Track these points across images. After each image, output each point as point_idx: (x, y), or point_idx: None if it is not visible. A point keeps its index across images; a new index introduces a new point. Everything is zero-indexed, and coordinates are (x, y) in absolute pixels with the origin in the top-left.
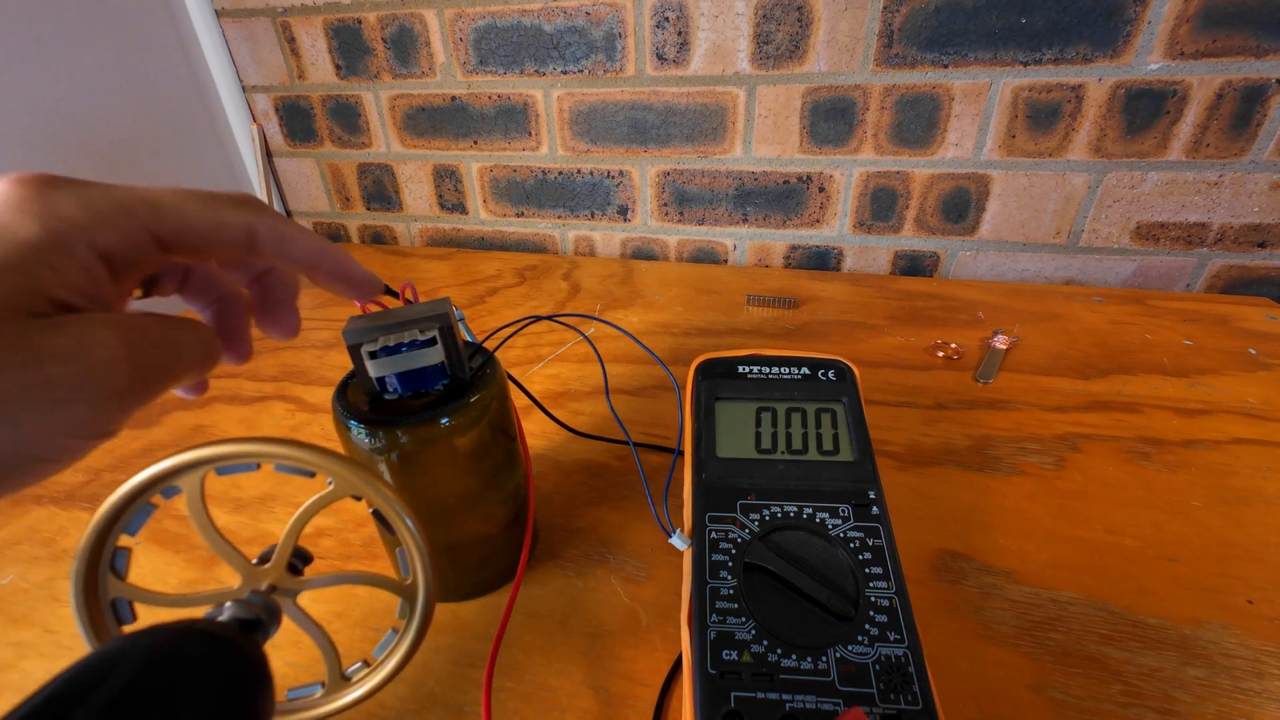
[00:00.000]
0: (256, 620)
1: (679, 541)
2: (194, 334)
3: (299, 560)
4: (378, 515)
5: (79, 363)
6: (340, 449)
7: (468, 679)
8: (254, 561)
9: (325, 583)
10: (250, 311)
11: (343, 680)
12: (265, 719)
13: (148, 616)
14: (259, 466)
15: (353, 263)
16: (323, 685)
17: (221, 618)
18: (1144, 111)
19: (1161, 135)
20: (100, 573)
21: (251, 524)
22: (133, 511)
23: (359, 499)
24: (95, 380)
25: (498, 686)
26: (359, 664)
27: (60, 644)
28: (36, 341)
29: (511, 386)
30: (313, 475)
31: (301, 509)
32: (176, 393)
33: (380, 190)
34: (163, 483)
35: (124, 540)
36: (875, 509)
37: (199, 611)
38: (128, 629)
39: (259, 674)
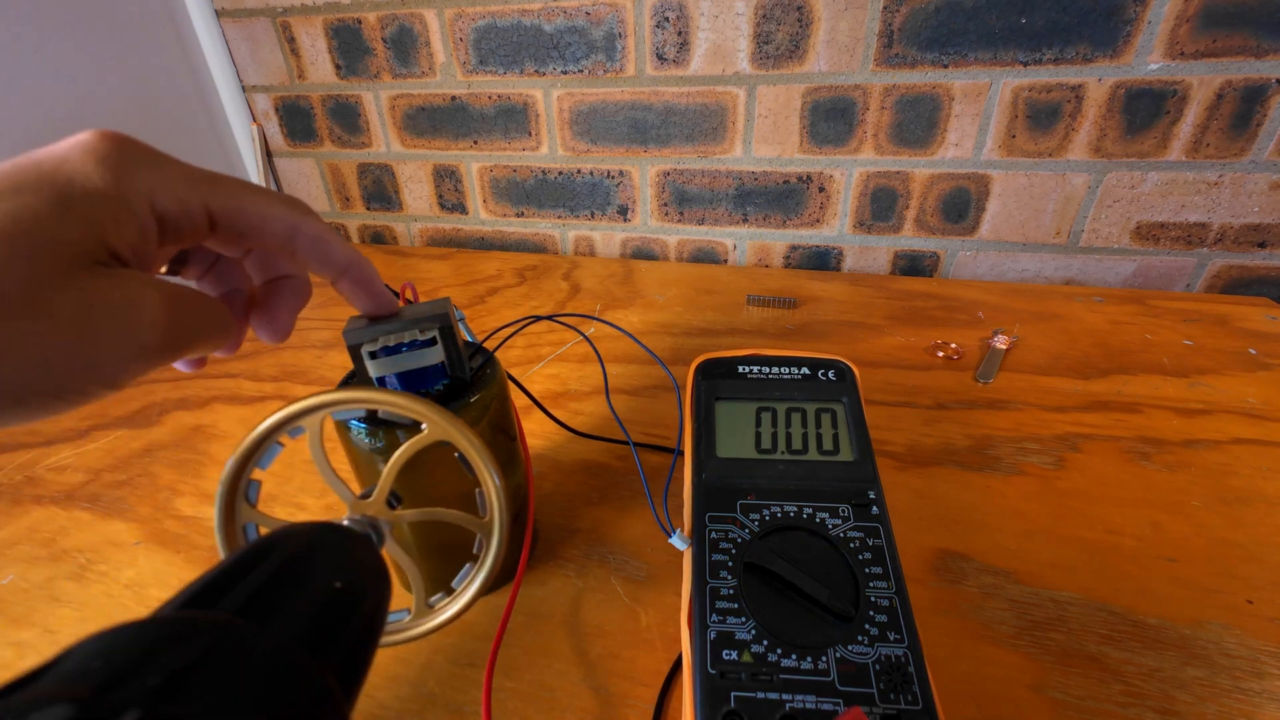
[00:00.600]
0: (369, 536)
1: (679, 541)
2: (218, 312)
3: (394, 499)
4: (462, 459)
5: (125, 319)
6: (341, 448)
7: (468, 679)
8: (359, 496)
9: (417, 517)
10: (251, 308)
11: (427, 607)
12: (388, 601)
13: None
14: (367, 413)
15: (378, 278)
16: (409, 611)
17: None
18: (1144, 111)
19: (1161, 135)
20: (237, 499)
21: None
22: (265, 449)
23: (447, 444)
24: (135, 338)
25: (498, 686)
26: (441, 594)
27: (60, 644)
28: (91, 288)
29: (511, 386)
30: (413, 423)
31: (401, 449)
32: (177, 365)
33: (380, 190)
34: (291, 423)
35: (256, 473)
36: (875, 509)
37: None
38: None
39: (382, 564)
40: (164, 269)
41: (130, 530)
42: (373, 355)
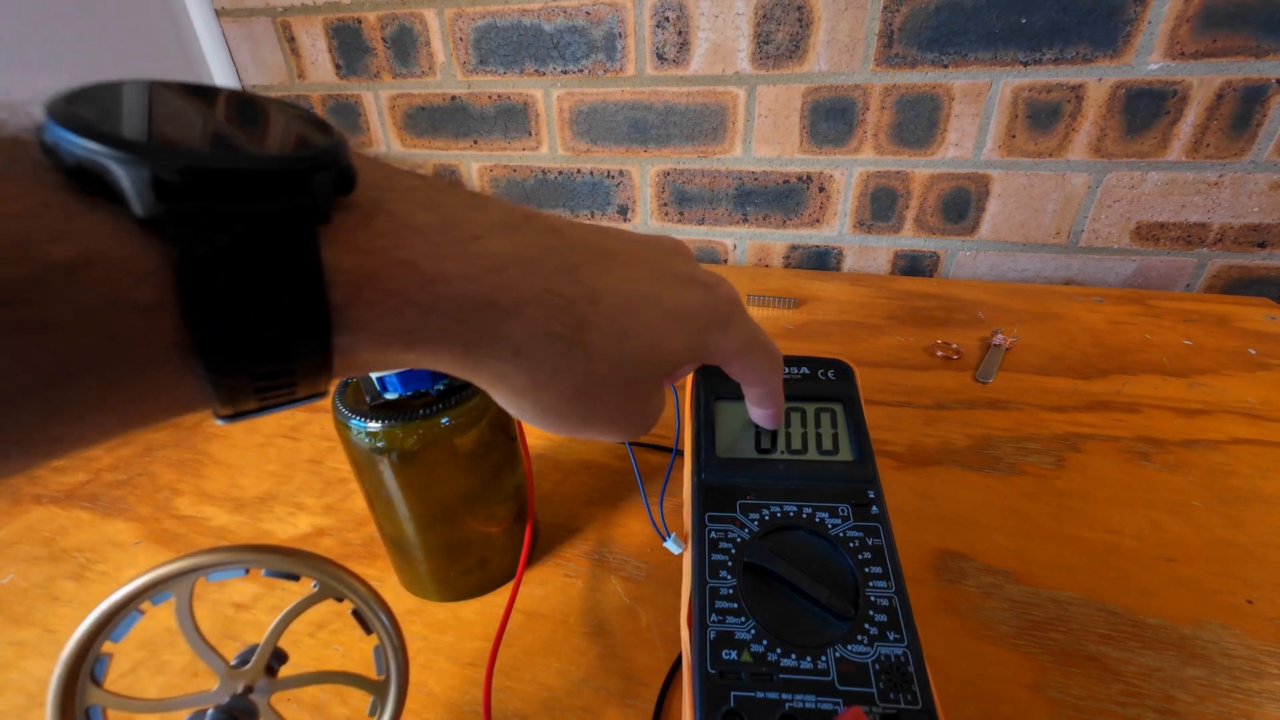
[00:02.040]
0: None
1: (674, 545)
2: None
3: (275, 661)
4: (357, 615)
5: (632, 427)
6: (341, 448)
7: (468, 678)
8: (233, 663)
9: (299, 683)
10: None
11: None
12: None
13: None
14: (248, 571)
15: (781, 408)
16: None
17: None
18: (1144, 111)
19: (1161, 135)
20: (80, 680)
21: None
22: (121, 618)
23: (340, 600)
24: (617, 438)
25: (498, 686)
26: None
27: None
28: (647, 397)
29: None
30: (297, 579)
31: (284, 613)
32: None
33: None
34: (154, 590)
35: (107, 647)
36: (875, 509)
37: (177, 717)
38: None
39: None
40: None
41: (130, 530)
42: None
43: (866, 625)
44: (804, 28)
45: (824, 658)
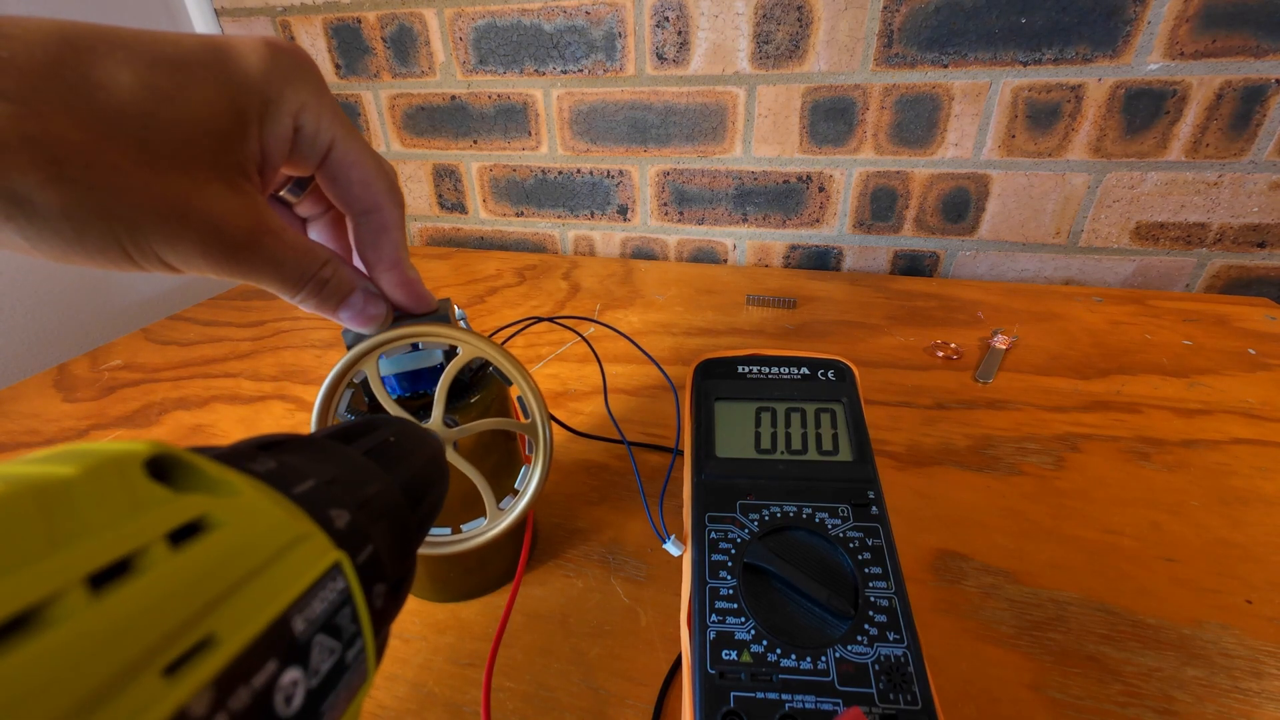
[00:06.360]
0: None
1: (673, 547)
2: (300, 261)
3: (450, 420)
4: (498, 372)
5: (206, 231)
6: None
7: (468, 679)
8: (421, 419)
9: (469, 430)
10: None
11: (499, 510)
12: (442, 456)
13: None
14: (413, 347)
15: (420, 280)
16: (484, 518)
17: None
18: (1144, 111)
19: (1161, 135)
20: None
21: None
22: (340, 393)
23: (485, 362)
24: (202, 251)
25: (498, 686)
26: (508, 497)
27: None
28: (204, 186)
29: (511, 386)
30: (451, 348)
31: (446, 369)
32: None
33: None
34: (351, 370)
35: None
36: (875, 509)
37: None
38: None
39: (439, 449)
40: (291, 198)
41: None
42: None
43: (866, 625)
44: (804, 28)
45: (824, 658)
